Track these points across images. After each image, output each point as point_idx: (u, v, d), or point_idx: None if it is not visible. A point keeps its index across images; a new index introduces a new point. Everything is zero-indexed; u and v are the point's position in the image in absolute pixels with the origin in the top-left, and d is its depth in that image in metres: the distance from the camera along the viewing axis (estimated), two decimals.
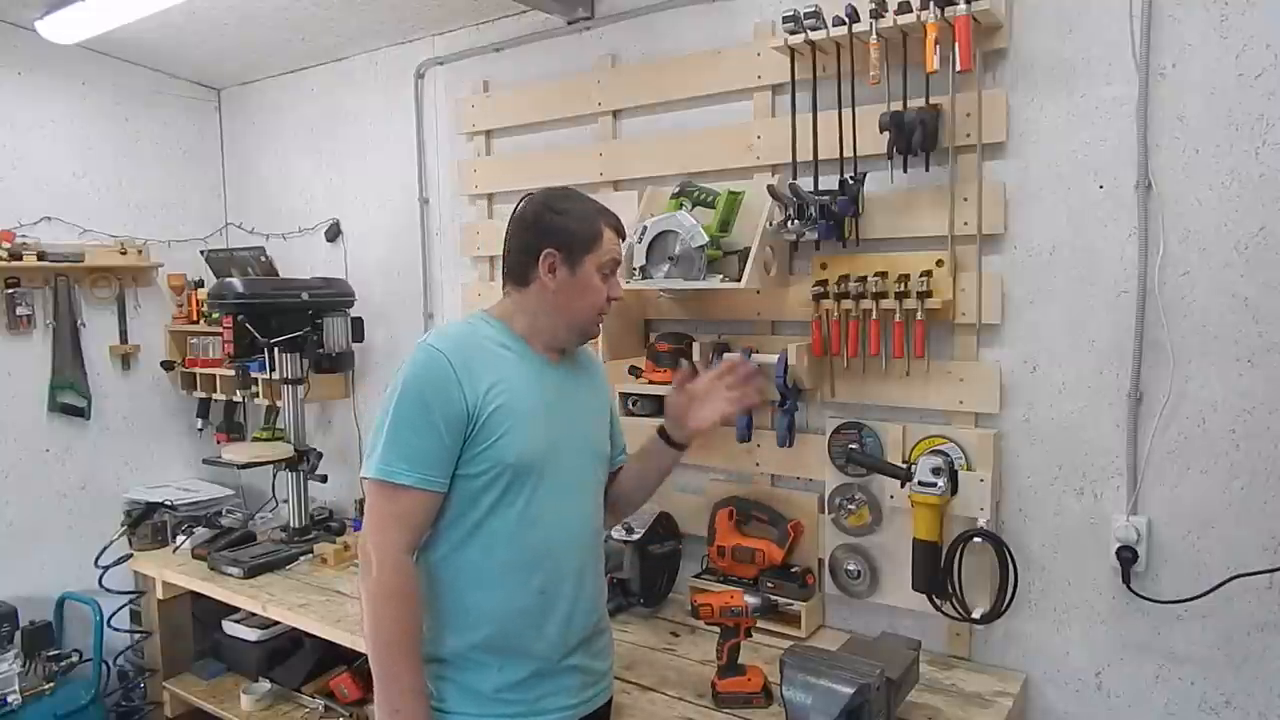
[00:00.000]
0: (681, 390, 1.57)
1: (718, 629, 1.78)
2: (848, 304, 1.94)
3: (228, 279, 2.81)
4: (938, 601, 1.87)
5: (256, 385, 3.06)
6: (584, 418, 1.53)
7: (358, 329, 2.93)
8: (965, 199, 1.87)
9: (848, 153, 1.95)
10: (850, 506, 2.06)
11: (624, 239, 1.52)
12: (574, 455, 1.48)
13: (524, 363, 1.46)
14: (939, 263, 1.89)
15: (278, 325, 2.74)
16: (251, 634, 2.72)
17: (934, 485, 1.79)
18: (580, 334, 1.52)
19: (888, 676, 1.56)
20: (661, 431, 1.61)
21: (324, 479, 2.88)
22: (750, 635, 1.82)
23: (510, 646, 1.41)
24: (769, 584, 2.08)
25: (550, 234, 1.45)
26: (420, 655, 1.38)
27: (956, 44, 1.71)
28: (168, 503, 3.05)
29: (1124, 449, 1.76)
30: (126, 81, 3.28)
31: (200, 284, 3.36)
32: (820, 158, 2.01)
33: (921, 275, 1.87)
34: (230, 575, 2.57)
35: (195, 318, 3.32)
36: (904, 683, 1.66)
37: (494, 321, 1.49)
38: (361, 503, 2.68)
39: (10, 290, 2.94)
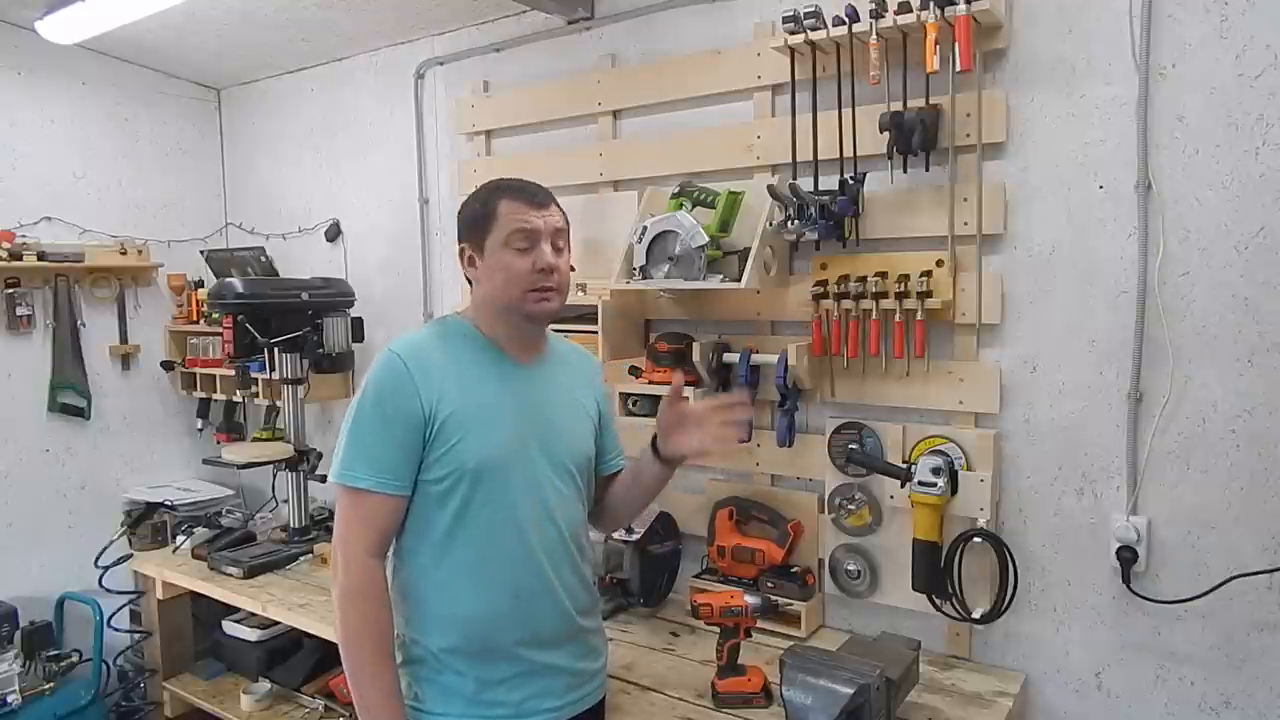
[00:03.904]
0: (673, 407, 1.49)
1: (718, 629, 1.78)
2: (848, 304, 1.94)
3: (228, 279, 2.81)
4: (938, 601, 1.87)
5: (256, 385, 3.06)
6: (559, 418, 1.50)
7: (358, 329, 2.93)
8: (965, 199, 1.87)
9: (848, 153, 1.95)
10: (850, 506, 2.06)
11: (539, 204, 1.42)
12: (545, 456, 1.46)
13: (488, 364, 1.44)
14: (939, 263, 1.89)
15: (278, 325, 2.74)
16: (251, 634, 2.72)
17: (934, 485, 1.79)
18: (521, 315, 1.43)
19: (888, 677, 1.56)
20: (653, 442, 1.55)
21: (324, 479, 2.87)
22: (750, 635, 1.82)
23: (487, 650, 1.40)
24: (769, 584, 2.08)
25: (461, 229, 1.47)
26: (391, 655, 1.38)
27: (956, 44, 1.71)
28: (168, 503, 3.05)
29: (1124, 449, 1.76)
30: (126, 81, 3.28)
31: (200, 284, 3.36)
32: (820, 158, 2.01)
33: (921, 275, 1.87)
34: (230, 575, 2.57)
35: (195, 318, 3.32)
36: (904, 683, 1.66)
37: (456, 322, 1.49)
38: None
39: (10, 290, 2.94)
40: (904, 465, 1.88)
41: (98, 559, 2.79)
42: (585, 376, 1.62)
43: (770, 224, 1.99)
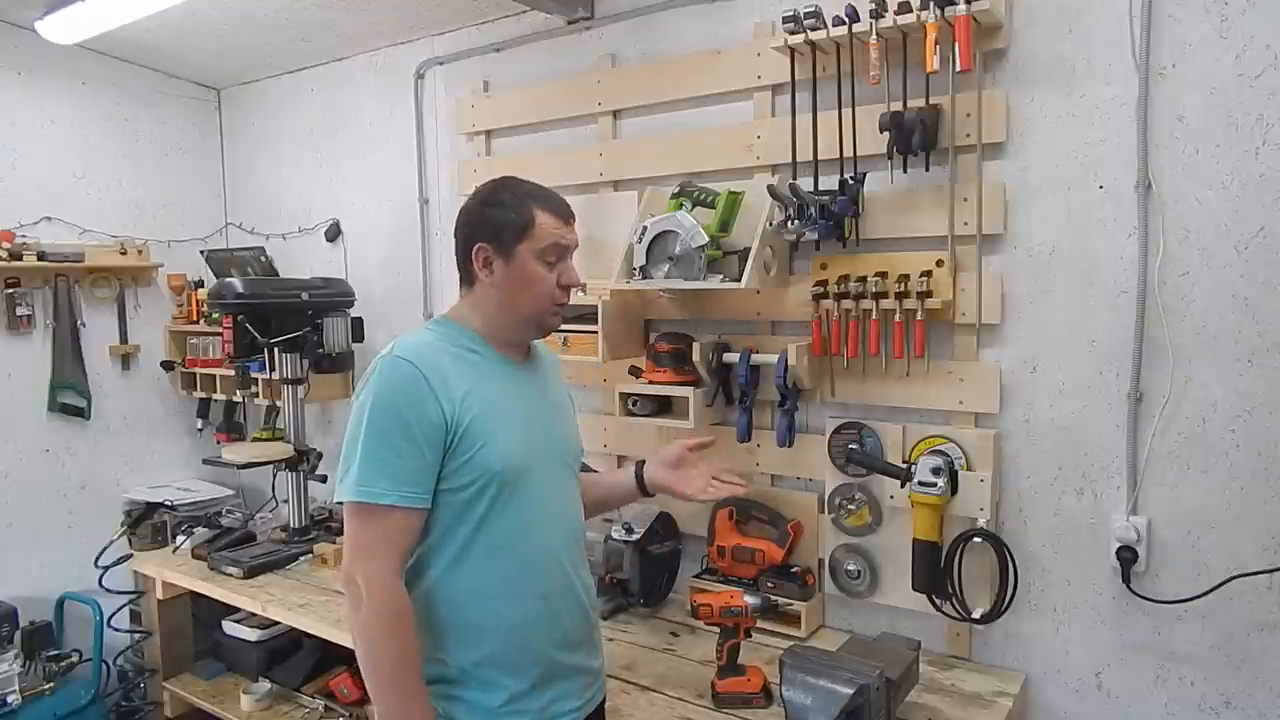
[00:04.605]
0: (683, 453, 1.71)
1: (717, 629, 1.78)
2: (848, 304, 1.94)
3: (228, 279, 2.81)
4: (938, 601, 1.87)
5: (256, 385, 3.06)
6: (555, 415, 1.53)
7: (358, 329, 2.93)
8: (965, 199, 1.87)
9: (848, 153, 1.95)
10: (850, 506, 2.06)
11: (570, 220, 1.45)
12: (554, 454, 1.47)
13: (492, 365, 1.43)
14: (939, 263, 1.89)
15: (278, 325, 2.74)
16: (251, 634, 2.72)
17: (934, 485, 1.79)
18: (535, 328, 1.47)
19: (887, 677, 1.56)
20: (639, 473, 1.69)
21: (324, 479, 2.88)
22: (750, 635, 1.82)
23: (521, 656, 1.38)
24: (769, 584, 2.08)
25: (480, 227, 1.41)
26: (423, 676, 1.34)
27: (956, 44, 1.71)
28: (168, 503, 3.05)
29: (1124, 449, 1.76)
30: (126, 81, 3.28)
31: (200, 284, 3.36)
32: (820, 158, 2.00)
33: (921, 275, 1.87)
34: (230, 575, 2.57)
35: (195, 318, 3.32)
36: (904, 683, 1.66)
37: (451, 325, 1.45)
38: None
39: (10, 290, 2.94)
40: (904, 465, 1.88)
41: (98, 559, 2.79)
42: (557, 373, 1.64)
43: (770, 224, 1.99)
